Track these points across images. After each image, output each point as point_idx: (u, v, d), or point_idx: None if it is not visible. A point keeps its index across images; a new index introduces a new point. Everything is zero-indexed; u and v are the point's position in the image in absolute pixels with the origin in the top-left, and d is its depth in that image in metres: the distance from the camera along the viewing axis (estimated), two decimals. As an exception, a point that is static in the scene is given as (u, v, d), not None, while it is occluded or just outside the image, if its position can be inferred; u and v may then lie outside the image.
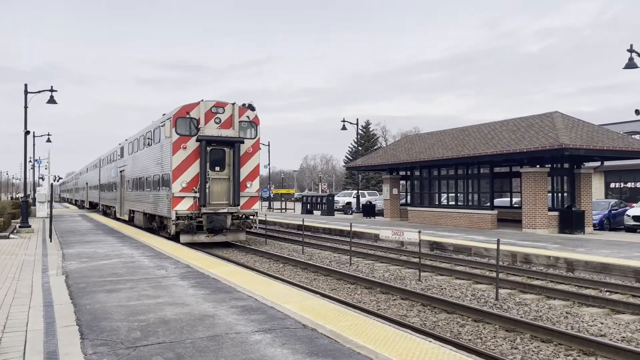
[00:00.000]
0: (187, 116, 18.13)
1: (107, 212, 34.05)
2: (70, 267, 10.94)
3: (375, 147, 75.21)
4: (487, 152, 20.69)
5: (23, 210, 23.37)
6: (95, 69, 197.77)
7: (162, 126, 18.96)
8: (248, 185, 18.91)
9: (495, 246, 10.79)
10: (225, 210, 18.09)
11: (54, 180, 33.46)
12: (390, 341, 5.43)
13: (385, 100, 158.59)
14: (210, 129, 18.16)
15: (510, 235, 18.68)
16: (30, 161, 40.87)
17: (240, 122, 18.71)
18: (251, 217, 18.92)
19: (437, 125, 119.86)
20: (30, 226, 21.93)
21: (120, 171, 28.57)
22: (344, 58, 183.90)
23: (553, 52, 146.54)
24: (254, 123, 19.21)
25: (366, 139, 78.61)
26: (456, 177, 24.90)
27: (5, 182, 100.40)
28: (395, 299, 10.07)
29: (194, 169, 17.96)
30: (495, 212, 22.34)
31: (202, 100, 18.29)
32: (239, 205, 18.35)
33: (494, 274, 11.65)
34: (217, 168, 18.32)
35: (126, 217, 26.83)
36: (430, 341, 5.53)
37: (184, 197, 17.83)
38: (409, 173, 28.79)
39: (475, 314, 8.55)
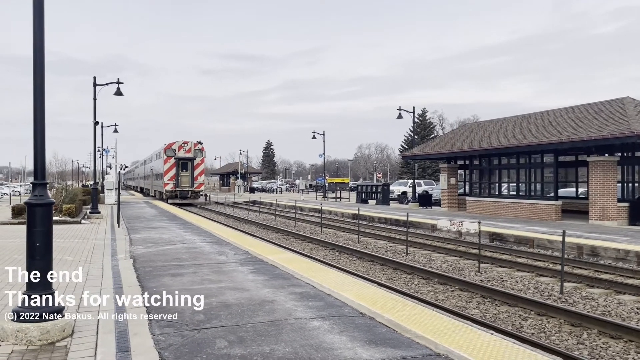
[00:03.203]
0: (170, 148, 38.50)
1: (146, 193, 51.92)
2: (137, 251, 11.47)
3: (431, 136, 73.87)
4: (551, 140, 19.84)
5: (93, 197, 24.71)
6: (159, 61, 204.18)
7: (160, 151, 40.61)
8: (198, 178, 39.19)
9: (559, 238, 10.38)
10: (187, 189, 38.23)
11: (121, 169, 36.67)
12: (449, 332, 5.36)
13: (442, 87, 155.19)
14: (181, 153, 38.49)
15: (576, 227, 17.89)
16: (98, 150, 42.94)
17: (195, 149, 38.99)
18: (200, 193, 39.52)
19: (497, 113, 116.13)
20: (99, 212, 23.15)
21: (151, 169, 46.91)
22: (400, 45, 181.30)
23: (627, 34, 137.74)
24: (202, 150, 39.50)
25: (422, 128, 77.31)
26: (518, 167, 24.04)
27: (75, 171, 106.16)
28: (453, 290, 9.91)
29: (173, 171, 38.16)
30: (559, 202, 21.44)
31: (177, 141, 38.83)
32: (193, 187, 38.63)
33: (557, 267, 11.23)
34: (184, 170, 38.44)
35: (152, 194, 45.85)
36: (491, 333, 5.41)
37: (169, 183, 37.96)
38: (467, 162, 28.07)
39: (538, 308, 8.28)
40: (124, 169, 60.97)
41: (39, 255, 5.18)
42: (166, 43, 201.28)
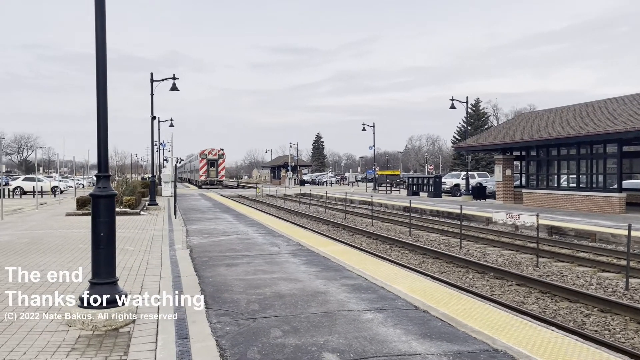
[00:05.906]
0: (203, 152, 59.18)
1: (192, 183, 70.01)
2: (193, 242, 11.82)
3: (485, 127, 71.87)
4: (615, 130, 18.86)
5: (151, 189, 25.61)
6: (212, 55, 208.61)
7: (197, 154, 62.45)
8: (221, 172, 59.72)
9: (623, 232, 9.88)
10: (214, 179, 58.86)
11: (176, 162, 37.49)
12: (507, 327, 5.21)
13: (497, 76, 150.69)
14: (210, 156, 58.87)
15: (642, 220, 16.94)
16: (156, 144, 44.51)
17: (219, 153, 59.29)
18: (222, 182, 61.10)
19: (555, 102, 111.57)
20: (157, 204, 23.97)
21: (194, 165, 65.83)
22: (454, 33, 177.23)
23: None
24: (223, 154, 59.77)
25: (476, 118, 75.36)
26: (578, 157, 23.02)
27: (134, 164, 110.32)
28: (510, 285, 9.63)
29: (205, 168, 58.99)
30: (623, 194, 20.38)
31: (207, 148, 60.37)
32: (218, 177, 59.24)
33: (622, 262, 10.69)
34: (212, 167, 59.10)
35: (194, 183, 64.44)
36: (552, 330, 5.21)
37: (202, 175, 59.04)
38: (523, 153, 27.14)
39: (601, 304, 7.92)
40: (180, 162, 66.97)
41: (103, 244, 5.41)
42: (218, 37, 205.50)
